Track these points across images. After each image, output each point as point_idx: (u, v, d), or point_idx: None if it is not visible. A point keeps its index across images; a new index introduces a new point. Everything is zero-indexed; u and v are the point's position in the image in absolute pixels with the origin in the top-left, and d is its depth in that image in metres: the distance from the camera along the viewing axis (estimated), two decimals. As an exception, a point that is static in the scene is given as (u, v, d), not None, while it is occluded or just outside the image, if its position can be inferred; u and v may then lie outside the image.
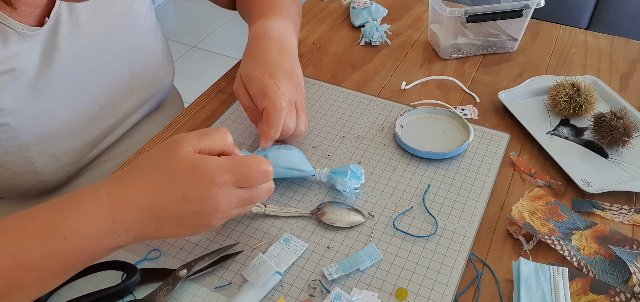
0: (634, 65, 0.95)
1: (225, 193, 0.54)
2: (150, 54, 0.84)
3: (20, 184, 0.72)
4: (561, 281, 0.57)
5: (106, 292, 0.57)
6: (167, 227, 0.54)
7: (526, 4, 0.93)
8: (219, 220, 0.56)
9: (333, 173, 0.69)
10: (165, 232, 0.55)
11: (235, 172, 0.54)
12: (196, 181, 0.53)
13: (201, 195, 0.53)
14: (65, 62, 0.71)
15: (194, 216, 0.54)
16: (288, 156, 0.69)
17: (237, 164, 0.55)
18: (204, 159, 0.54)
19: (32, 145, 0.70)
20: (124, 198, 0.53)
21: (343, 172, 0.68)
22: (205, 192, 0.53)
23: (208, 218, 0.55)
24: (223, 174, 0.54)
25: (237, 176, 0.55)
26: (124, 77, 0.81)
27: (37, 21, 0.68)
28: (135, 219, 0.53)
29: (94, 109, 0.77)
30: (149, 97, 0.87)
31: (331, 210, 0.67)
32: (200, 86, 1.05)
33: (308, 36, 1.04)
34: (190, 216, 0.54)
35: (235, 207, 0.56)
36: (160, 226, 0.54)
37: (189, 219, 0.54)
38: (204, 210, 0.54)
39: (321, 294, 0.58)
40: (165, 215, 0.53)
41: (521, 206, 0.67)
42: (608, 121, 0.75)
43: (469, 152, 0.76)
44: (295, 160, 0.69)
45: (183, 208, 0.53)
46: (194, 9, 3.08)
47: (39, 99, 0.69)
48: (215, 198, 0.54)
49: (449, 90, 0.89)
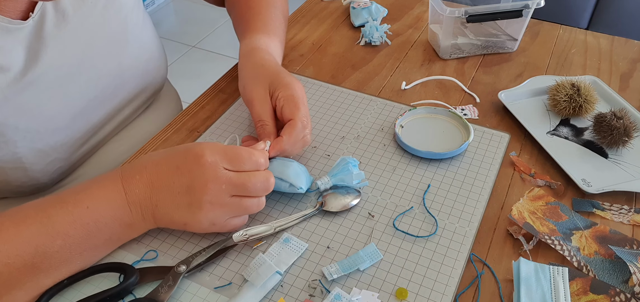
0: (634, 65, 0.95)
1: (215, 171, 0.58)
2: (139, 46, 0.84)
3: (10, 181, 0.72)
4: (561, 281, 0.57)
5: (106, 293, 0.57)
6: (162, 202, 0.59)
7: (526, 4, 0.93)
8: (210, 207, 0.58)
9: (334, 175, 0.68)
10: (162, 211, 0.60)
11: (226, 153, 0.59)
12: (189, 155, 0.59)
13: (191, 168, 0.58)
14: (51, 56, 0.70)
15: (185, 191, 0.58)
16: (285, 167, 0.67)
17: (230, 148, 0.60)
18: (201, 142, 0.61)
19: (19, 140, 0.70)
20: (132, 171, 0.60)
21: (344, 169, 0.68)
22: (196, 165, 0.58)
23: (198, 197, 0.58)
24: (214, 154, 0.59)
25: (227, 156, 0.59)
26: (113, 70, 0.80)
27: (21, 15, 0.68)
28: (140, 191, 0.59)
29: (82, 103, 0.76)
30: (141, 91, 0.86)
31: (331, 198, 0.68)
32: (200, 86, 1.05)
33: (308, 36, 1.04)
34: (181, 190, 0.59)
35: (226, 191, 0.59)
36: (157, 200, 0.59)
37: (180, 194, 0.58)
38: (193, 184, 0.58)
39: (321, 294, 0.58)
40: (161, 185, 0.59)
41: (521, 206, 0.67)
42: (608, 121, 0.75)
43: (469, 152, 0.76)
44: (290, 173, 0.66)
45: (175, 179, 0.59)
46: (194, 9, 3.08)
47: (25, 94, 0.69)
48: (205, 173, 0.58)
49: (449, 90, 0.89)
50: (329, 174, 0.69)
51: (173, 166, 0.59)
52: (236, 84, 0.91)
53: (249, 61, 0.77)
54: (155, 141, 0.80)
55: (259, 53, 0.78)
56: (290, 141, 0.68)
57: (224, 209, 0.60)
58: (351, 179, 0.68)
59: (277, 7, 0.89)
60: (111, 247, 0.61)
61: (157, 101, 0.94)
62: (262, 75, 0.74)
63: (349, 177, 0.68)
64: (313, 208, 0.67)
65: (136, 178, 0.59)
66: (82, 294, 0.58)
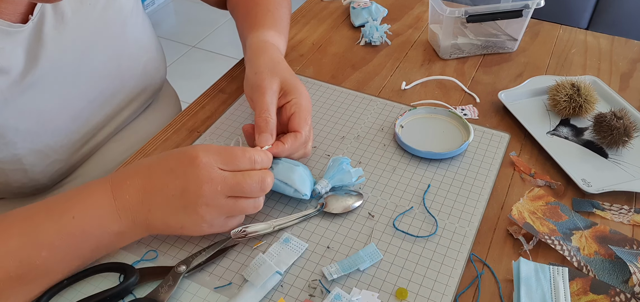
0: (634, 65, 0.95)
1: (209, 172, 0.57)
2: (139, 47, 0.84)
3: (11, 182, 0.72)
4: (561, 281, 0.57)
5: (106, 293, 0.57)
6: (157, 207, 0.58)
7: (526, 4, 0.93)
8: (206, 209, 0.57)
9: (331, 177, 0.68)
10: (156, 216, 0.58)
11: (220, 154, 0.58)
12: (183, 157, 0.58)
13: (186, 170, 0.57)
14: (50, 58, 0.70)
15: (180, 195, 0.57)
16: (290, 171, 0.66)
17: (224, 148, 0.59)
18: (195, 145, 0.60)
19: (19, 141, 0.70)
20: (123, 176, 0.59)
21: (340, 170, 0.68)
22: (191, 167, 0.57)
23: (194, 199, 0.57)
24: (209, 155, 0.58)
25: (221, 157, 0.58)
26: (112, 72, 0.80)
27: (21, 18, 0.68)
28: (131, 197, 0.57)
29: (82, 104, 0.77)
30: (140, 92, 0.86)
31: (332, 200, 0.67)
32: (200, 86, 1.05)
33: (308, 36, 1.04)
34: (176, 193, 0.57)
35: (222, 192, 0.58)
36: (150, 204, 0.57)
37: (175, 197, 0.57)
38: (188, 186, 0.57)
39: (321, 294, 0.58)
40: (154, 189, 0.58)
41: (521, 206, 0.67)
42: (608, 121, 0.75)
43: (469, 152, 0.76)
44: (296, 178, 0.66)
45: (170, 181, 0.57)
46: (194, 9, 3.08)
47: (25, 96, 0.69)
48: (200, 174, 0.57)
49: (449, 90, 0.89)
50: (325, 176, 0.69)
51: (167, 169, 0.58)
52: (236, 84, 0.91)
53: (265, 53, 0.75)
54: (155, 141, 0.80)
55: (274, 49, 0.77)
56: (291, 150, 0.68)
57: (220, 210, 0.59)
58: (351, 178, 0.68)
59: (284, 6, 0.88)
60: (98, 255, 0.60)
61: (156, 102, 0.94)
62: (278, 71, 0.72)
63: (348, 176, 0.68)
64: (314, 209, 0.67)
65: (127, 183, 0.58)
66: (82, 294, 0.58)
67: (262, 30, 0.81)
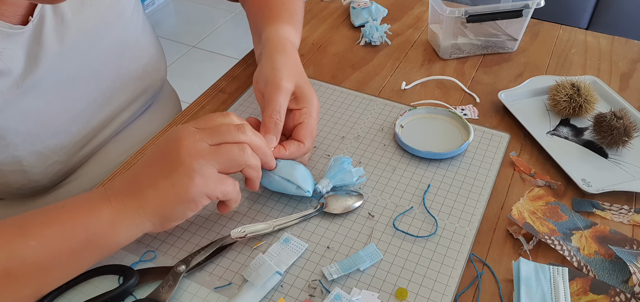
0: (634, 65, 0.95)
1: (187, 130, 0.58)
2: (139, 49, 0.84)
3: (10, 183, 0.72)
4: (561, 281, 0.57)
5: (106, 296, 0.57)
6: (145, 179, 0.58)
7: (526, 4, 0.93)
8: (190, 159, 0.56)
9: (332, 177, 0.68)
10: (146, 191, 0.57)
11: (199, 121, 0.60)
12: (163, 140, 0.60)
13: (167, 145, 0.58)
14: (51, 60, 0.70)
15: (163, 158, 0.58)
16: (292, 168, 0.66)
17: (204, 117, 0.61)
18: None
19: (19, 143, 0.70)
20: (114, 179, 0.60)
21: (341, 169, 0.68)
22: (170, 139, 0.58)
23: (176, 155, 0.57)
24: (188, 125, 0.59)
25: (197, 122, 0.60)
26: (112, 73, 0.80)
27: (21, 20, 0.68)
28: (122, 184, 0.58)
29: (82, 106, 0.77)
30: (140, 93, 0.86)
31: (333, 200, 0.67)
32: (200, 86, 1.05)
33: (308, 36, 1.04)
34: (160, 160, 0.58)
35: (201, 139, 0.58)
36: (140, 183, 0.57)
37: (160, 163, 0.57)
38: (169, 148, 0.58)
39: (321, 294, 0.58)
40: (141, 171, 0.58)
41: (521, 206, 0.67)
42: (608, 121, 0.75)
43: (469, 152, 0.76)
44: (298, 175, 0.66)
45: (153, 152, 0.59)
46: (194, 9, 3.08)
47: (25, 97, 0.69)
48: (178, 135, 0.58)
49: (449, 90, 0.89)
50: (326, 176, 0.69)
51: (152, 158, 0.59)
52: (236, 84, 0.91)
53: (286, 53, 0.74)
54: (155, 141, 0.80)
55: (295, 51, 0.77)
56: (291, 157, 0.68)
57: (206, 157, 0.57)
58: (351, 177, 0.68)
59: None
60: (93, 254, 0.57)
61: (157, 102, 0.94)
62: (296, 75, 0.72)
63: (349, 176, 0.68)
64: (314, 209, 0.67)
65: (117, 178, 0.60)
66: (83, 296, 0.58)
67: (279, 24, 0.79)
